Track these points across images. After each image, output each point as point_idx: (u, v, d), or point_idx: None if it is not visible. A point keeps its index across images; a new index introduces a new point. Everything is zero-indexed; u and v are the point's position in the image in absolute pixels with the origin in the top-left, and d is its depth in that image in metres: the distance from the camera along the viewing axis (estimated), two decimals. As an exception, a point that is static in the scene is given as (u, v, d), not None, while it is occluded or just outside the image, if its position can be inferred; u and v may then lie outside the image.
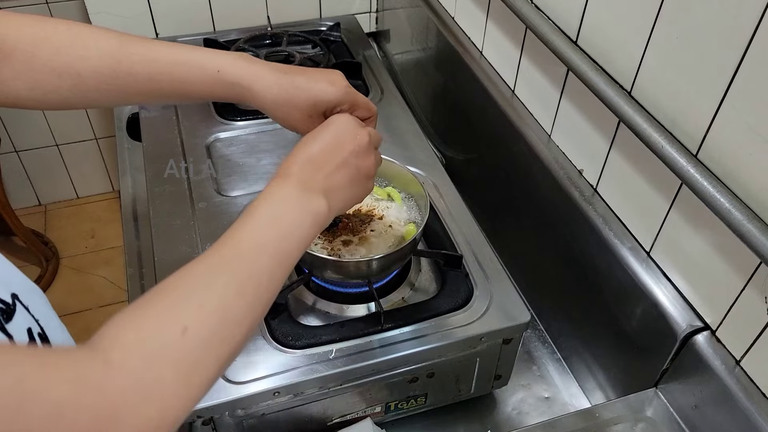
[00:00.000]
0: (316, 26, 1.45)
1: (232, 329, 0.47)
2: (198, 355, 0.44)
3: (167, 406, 0.41)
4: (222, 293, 0.47)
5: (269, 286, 0.51)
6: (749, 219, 0.60)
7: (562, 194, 0.91)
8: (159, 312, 0.44)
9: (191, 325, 0.44)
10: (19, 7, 1.83)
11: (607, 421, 0.77)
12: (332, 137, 0.60)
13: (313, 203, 0.56)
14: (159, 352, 0.42)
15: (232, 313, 0.47)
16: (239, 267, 0.49)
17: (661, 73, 0.71)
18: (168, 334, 0.43)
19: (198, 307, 0.45)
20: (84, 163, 2.25)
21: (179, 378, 0.42)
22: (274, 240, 0.52)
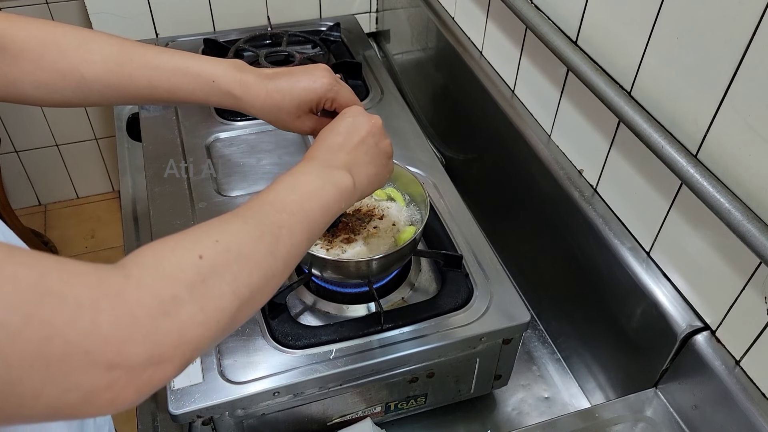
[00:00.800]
0: (316, 26, 1.45)
1: (250, 268, 0.48)
2: (213, 284, 0.45)
3: (185, 326, 0.42)
4: (239, 235, 0.49)
5: (289, 240, 0.52)
6: (749, 219, 0.60)
7: (562, 194, 0.91)
8: (177, 242, 0.46)
9: (206, 255, 0.45)
10: (19, 8, 1.83)
11: (607, 421, 0.77)
12: (349, 124, 0.65)
13: (336, 176, 0.59)
14: (175, 273, 0.43)
15: (249, 253, 0.48)
16: (258, 218, 0.52)
17: (661, 73, 0.71)
18: (184, 259, 0.45)
19: (214, 242, 0.47)
20: (84, 163, 2.25)
21: (195, 300, 0.43)
22: (295, 201, 0.55)
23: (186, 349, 0.42)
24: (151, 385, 0.41)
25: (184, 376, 0.74)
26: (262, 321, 0.81)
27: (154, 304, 0.41)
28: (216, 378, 0.74)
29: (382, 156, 0.66)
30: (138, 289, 0.41)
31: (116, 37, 0.68)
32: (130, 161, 1.28)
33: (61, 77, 0.65)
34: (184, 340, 0.42)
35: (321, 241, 0.84)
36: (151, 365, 0.40)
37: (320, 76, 0.71)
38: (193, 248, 0.46)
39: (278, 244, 0.51)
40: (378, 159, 0.65)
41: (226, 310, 0.45)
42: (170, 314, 0.41)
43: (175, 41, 1.39)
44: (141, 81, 0.67)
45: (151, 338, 0.40)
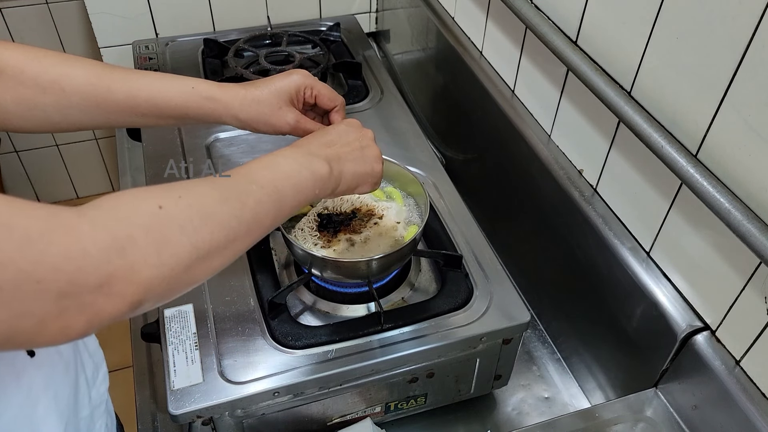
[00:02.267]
0: (316, 26, 1.45)
1: (211, 226, 0.49)
2: (170, 232, 0.46)
3: (138, 265, 0.43)
4: (203, 195, 0.50)
5: (256, 208, 0.54)
6: (749, 219, 0.60)
7: (562, 194, 0.91)
8: (138, 192, 0.48)
9: (166, 206, 0.47)
10: (19, 8, 1.83)
11: (607, 421, 0.77)
12: (341, 129, 0.68)
13: (313, 163, 0.61)
14: (132, 217, 0.45)
15: (211, 212, 0.50)
16: (227, 185, 0.53)
17: (661, 73, 0.71)
18: (143, 206, 0.46)
19: (177, 197, 0.48)
20: (84, 163, 2.25)
21: (149, 243, 0.44)
22: (266, 178, 0.56)
23: (138, 287, 0.43)
24: (101, 316, 0.42)
25: (184, 376, 0.74)
26: (262, 321, 0.81)
27: (107, 240, 0.42)
28: (216, 378, 0.74)
29: (367, 160, 0.67)
30: (91, 226, 0.42)
31: (100, 62, 0.71)
32: (130, 161, 1.28)
33: (42, 91, 0.66)
34: (136, 278, 0.43)
35: (321, 241, 0.84)
36: (101, 295, 0.42)
37: (295, 72, 0.74)
38: (154, 199, 0.47)
39: (244, 210, 0.52)
40: (362, 161, 0.67)
41: (182, 260, 0.46)
42: (124, 251, 0.43)
43: (175, 41, 1.39)
44: (120, 93, 0.68)
45: (103, 270, 0.41)
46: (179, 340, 0.78)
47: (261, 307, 0.82)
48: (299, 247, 0.80)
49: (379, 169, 0.69)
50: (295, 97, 0.74)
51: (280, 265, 0.90)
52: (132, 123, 0.72)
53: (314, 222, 0.86)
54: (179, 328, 0.79)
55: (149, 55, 1.35)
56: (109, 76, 0.69)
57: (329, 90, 0.77)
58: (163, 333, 0.78)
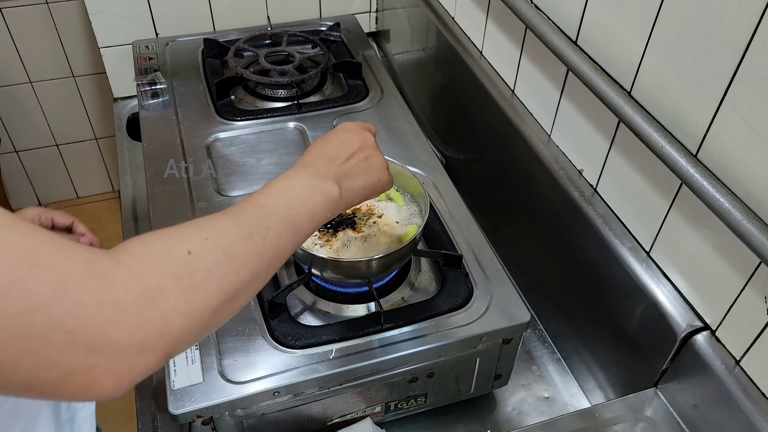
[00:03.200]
0: (316, 26, 1.45)
1: (237, 266, 0.49)
2: (200, 279, 0.46)
3: (169, 316, 0.43)
4: (227, 233, 0.50)
5: (276, 242, 0.53)
6: (749, 219, 0.60)
7: (562, 194, 0.91)
8: (168, 236, 0.47)
9: (195, 250, 0.46)
10: (19, 8, 1.83)
11: (607, 421, 0.77)
12: (342, 139, 0.67)
13: (325, 186, 0.61)
14: (163, 265, 0.44)
15: (236, 251, 0.49)
16: (247, 219, 0.53)
17: (661, 73, 0.71)
18: (173, 252, 0.46)
19: (203, 238, 0.48)
20: (84, 163, 2.25)
21: (180, 293, 0.44)
22: (284, 206, 0.56)
23: (168, 339, 0.43)
24: (132, 374, 0.41)
25: (184, 376, 0.74)
26: (262, 321, 0.81)
27: (140, 292, 0.41)
28: (216, 378, 0.74)
29: (373, 170, 0.67)
30: (126, 276, 0.41)
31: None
32: (130, 161, 1.28)
33: None
34: (167, 330, 0.42)
35: (321, 241, 0.84)
36: (132, 353, 0.41)
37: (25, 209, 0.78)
38: (183, 243, 0.46)
39: (265, 245, 0.52)
40: (368, 172, 0.67)
41: (210, 305, 0.46)
42: (155, 303, 0.42)
43: (175, 41, 1.39)
44: None
45: (134, 324, 0.41)
46: (179, 340, 0.77)
47: (261, 307, 0.82)
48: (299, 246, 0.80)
49: (386, 177, 0.69)
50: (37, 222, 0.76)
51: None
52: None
53: (314, 222, 0.86)
54: (179, 327, 0.79)
55: (149, 55, 1.35)
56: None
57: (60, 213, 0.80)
58: (163, 333, 0.78)
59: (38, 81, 2.00)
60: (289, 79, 1.22)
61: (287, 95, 1.23)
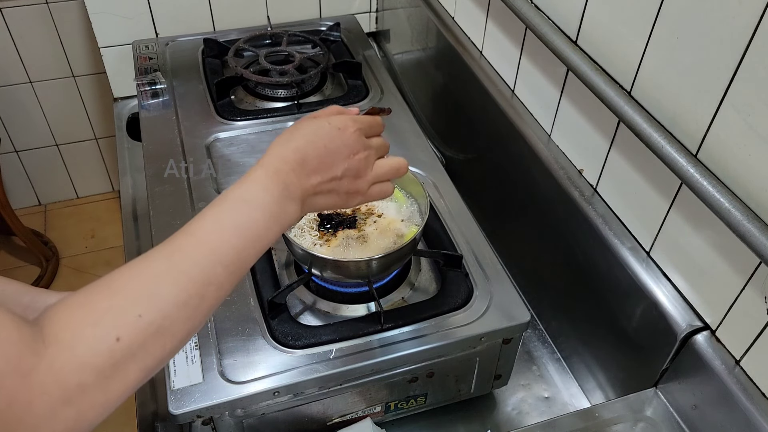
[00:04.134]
0: (316, 26, 1.45)
1: (164, 340, 0.46)
2: (123, 366, 0.44)
3: (84, 411, 0.42)
4: (165, 303, 0.47)
5: (215, 296, 0.50)
6: (749, 219, 0.60)
7: (562, 194, 0.91)
8: (99, 315, 0.44)
9: (124, 336, 0.44)
10: (19, 8, 1.83)
11: (606, 421, 0.77)
12: (333, 145, 0.59)
13: (287, 210, 0.55)
14: (88, 359, 0.42)
15: (168, 324, 0.46)
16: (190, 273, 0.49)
17: (661, 73, 0.71)
18: (101, 342, 0.43)
19: (137, 316, 0.45)
20: (84, 163, 2.25)
21: (100, 385, 0.42)
22: (235, 249, 0.51)
23: (80, 428, 0.42)
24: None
25: (184, 376, 0.74)
26: (262, 321, 0.81)
27: (57, 393, 0.40)
28: (216, 378, 0.74)
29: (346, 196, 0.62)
30: (46, 375, 0.40)
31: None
32: (130, 161, 1.28)
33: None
34: (78, 425, 0.42)
35: (321, 241, 0.84)
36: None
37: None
38: (114, 328, 0.44)
39: (201, 306, 0.49)
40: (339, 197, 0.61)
41: (129, 387, 0.45)
42: (72, 402, 0.41)
43: (175, 41, 1.39)
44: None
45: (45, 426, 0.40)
46: (179, 340, 0.77)
47: (261, 307, 0.82)
48: (299, 246, 0.80)
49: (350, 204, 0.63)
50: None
51: (280, 265, 0.90)
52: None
53: (314, 222, 0.86)
54: (179, 327, 0.79)
55: (149, 55, 1.35)
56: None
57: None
58: (163, 333, 0.78)
59: (38, 81, 2.00)
60: (289, 79, 1.22)
61: (287, 95, 1.23)
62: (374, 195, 0.65)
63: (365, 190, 0.63)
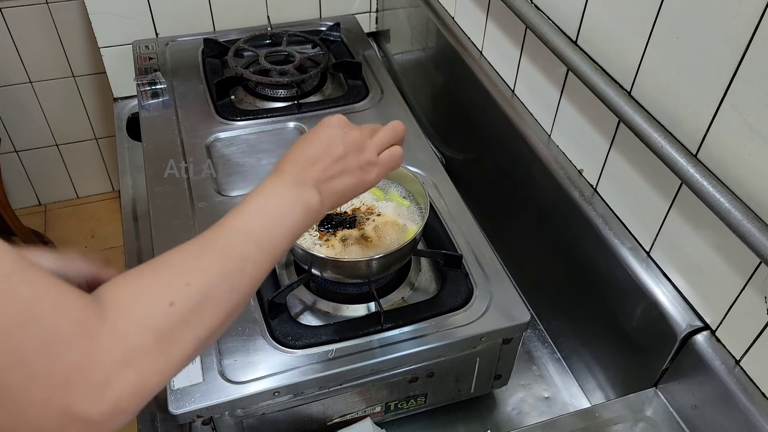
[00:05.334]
0: (316, 26, 1.45)
1: (213, 309, 0.49)
2: (179, 330, 0.46)
3: (146, 374, 0.43)
4: (208, 274, 0.49)
5: (254, 271, 0.53)
6: (749, 219, 0.60)
7: (562, 194, 0.91)
8: (151, 284, 0.47)
9: (177, 301, 0.46)
10: (19, 8, 1.83)
11: (607, 421, 0.77)
12: (325, 137, 0.64)
13: (304, 195, 0.59)
14: (146, 321, 0.44)
15: (215, 293, 0.49)
16: (226, 251, 0.52)
17: (661, 73, 0.71)
18: (156, 305, 0.45)
19: (185, 284, 0.47)
20: (84, 163, 2.25)
21: (160, 349, 0.44)
22: (263, 228, 0.55)
23: (143, 397, 0.43)
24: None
25: (184, 376, 0.74)
26: (262, 321, 0.81)
27: (120, 353, 0.42)
28: (216, 378, 0.74)
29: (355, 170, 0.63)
30: (110, 336, 0.42)
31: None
32: (130, 161, 1.28)
33: None
34: (141, 390, 0.43)
35: (320, 241, 0.84)
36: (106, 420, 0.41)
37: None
38: (167, 293, 0.46)
39: (242, 279, 0.52)
40: (350, 173, 0.63)
41: (185, 355, 0.46)
42: (134, 363, 0.42)
43: (175, 41, 1.39)
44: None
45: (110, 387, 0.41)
46: (179, 340, 0.77)
47: (261, 307, 0.82)
48: (299, 246, 0.80)
49: (370, 178, 0.65)
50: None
51: (280, 265, 0.90)
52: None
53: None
54: (179, 327, 0.79)
55: (149, 55, 1.35)
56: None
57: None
58: (163, 333, 0.78)
59: (38, 81, 2.00)
60: (289, 79, 1.22)
61: (287, 95, 1.23)
62: (387, 161, 0.67)
63: (375, 159, 0.65)
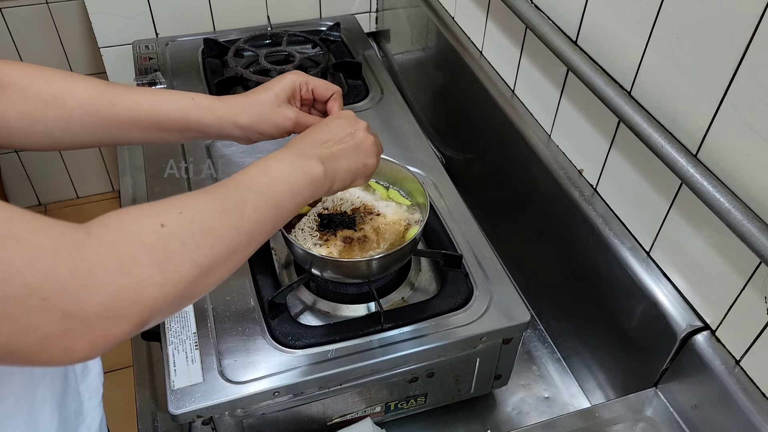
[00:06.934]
0: (316, 26, 1.45)
1: (212, 240, 0.50)
2: (173, 250, 0.47)
3: (143, 285, 0.44)
4: (203, 207, 0.51)
5: (255, 217, 0.54)
6: (749, 219, 0.60)
7: (562, 194, 0.91)
8: (141, 210, 0.49)
9: (168, 223, 0.47)
10: (19, 7, 1.83)
11: (607, 421, 0.77)
12: (335, 123, 0.68)
13: (306, 164, 0.62)
14: (136, 236, 0.46)
15: (212, 225, 0.50)
16: (225, 194, 0.54)
17: (661, 73, 0.71)
18: (146, 225, 0.47)
19: (177, 212, 0.49)
20: (84, 163, 2.25)
21: (153, 262, 0.45)
22: (263, 183, 0.58)
23: (143, 307, 0.44)
24: (106, 339, 0.43)
25: (184, 376, 0.74)
26: (262, 321, 0.81)
27: (113, 262, 0.43)
28: (216, 378, 0.74)
29: (359, 154, 0.68)
30: (98, 246, 0.43)
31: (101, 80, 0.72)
32: (130, 161, 1.28)
33: (44, 105, 0.67)
34: (141, 299, 0.44)
35: (320, 241, 0.84)
36: (106, 319, 0.42)
37: (289, 73, 0.76)
38: (157, 216, 0.48)
39: (243, 220, 0.53)
40: (355, 156, 0.67)
41: (185, 276, 0.47)
42: (129, 272, 0.43)
43: (175, 41, 1.39)
44: (121, 106, 0.69)
45: (108, 291, 0.42)
46: (179, 340, 0.78)
47: (261, 306, 0.82)
48: (299, 247, 0.80)
49: (372, 162, 0.70)
50: (293, 96, 0.75)
51: (280, 265, 0.90)
52: (133, 138, 0.72)
53: (314, 222, 0.86)
54: (179, 327, 0.79)
55: (149, 55, 1.35)
56: (111, 91, 0.70)
57: (323, 82, 0.78)
58: (163, 333, 0.78)
59: (38, 81, 2.00)
60: (289, 79, 1.22)
61: (287, 95, 1.22)
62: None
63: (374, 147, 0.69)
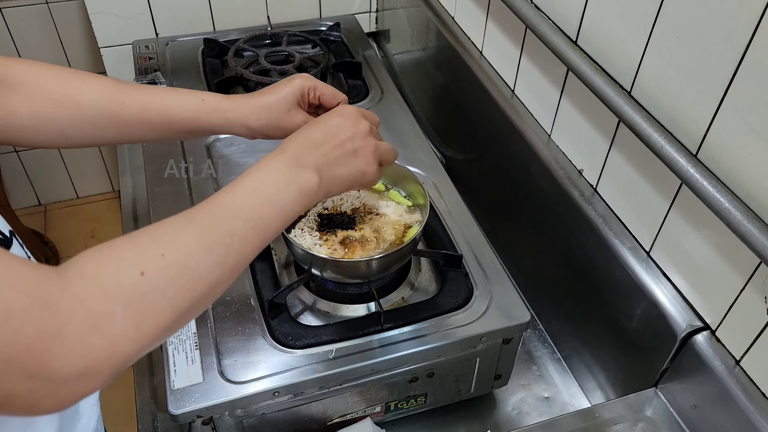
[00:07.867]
0: (316, 26, 1.45)
1: (194, 282, 0.47)
2: (152, 300, 0.45)
3: (116, 342, 0.42)
4: (187, 246, 0.48)
5: (241, 249, 0.52)
6: (749, 219, 0.60)
7: (562, 194, 0.91)
8: (123, 253, 0.46)
9: (149, 271, 0.45)
10: (19, 7, 1.83)
11: (607, 421, 0.77)
12: (333, 124, 0.65)
13: (302, 177, 0.58)
14: (114, 290, 0.43)
15: (194, 266, 0.48)
16: (211, 225, 0.51)
17: (661, 73, 0.71)
18: (126, 275, 0.44)
19: (159, 255, 0.46)
20: (84, 163, 2.25)
21: (129, 317, 0.43)
22: (252, 206, 0.54)
23: (116, 362, 0.42)
24: (75, 396, 0.41)
25: (184, 376, 0.74)
26: (262, 321, 0.81)
27: (86, 320, 0.41)
28: (216, 378, 0.74)
29: (358, 161, 0.64)
30: (72, 303, 0.41)
31: (113, 78, 0.72)
32: (130, 161, 1.28)
33: (57, 105, 0.66)
34: (114, 356, 0.42)
35: (320, 241, 0.84)
36: (75, 378, 0.40)
37: (298, 76, 0.75)
38: (137, 262, 0.45)
39: (228, 255, 0.50)
40: (352, 160, 0.64)
41: (161, 325, 0.45)
42: (101, 330, 0.41)
43: (175, 41, 1.39)
44: (133, 106, 0.69)
45: (77, 352, 0.40)
46: (179, 340, 0.78)
47: (261, 307, 0.82)
48: (299, 247, 0.80)
49: (372, 170, 0.66)
50: (301, 100, 0.74)
51: (280, 265, 0.90)
52: (143, 137, 0.71)
53: (314, 222, 0.86)
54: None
55: (149, 55, 1.35)
56: (122, 91, 0.69)
57: (331, 89, 0.77)
58: (163, 333, 0.78)
59: (38, 81, 2.00)
60: (289, 79, 1.22)
61: (287, 95, 1.22)
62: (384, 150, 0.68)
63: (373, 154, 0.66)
